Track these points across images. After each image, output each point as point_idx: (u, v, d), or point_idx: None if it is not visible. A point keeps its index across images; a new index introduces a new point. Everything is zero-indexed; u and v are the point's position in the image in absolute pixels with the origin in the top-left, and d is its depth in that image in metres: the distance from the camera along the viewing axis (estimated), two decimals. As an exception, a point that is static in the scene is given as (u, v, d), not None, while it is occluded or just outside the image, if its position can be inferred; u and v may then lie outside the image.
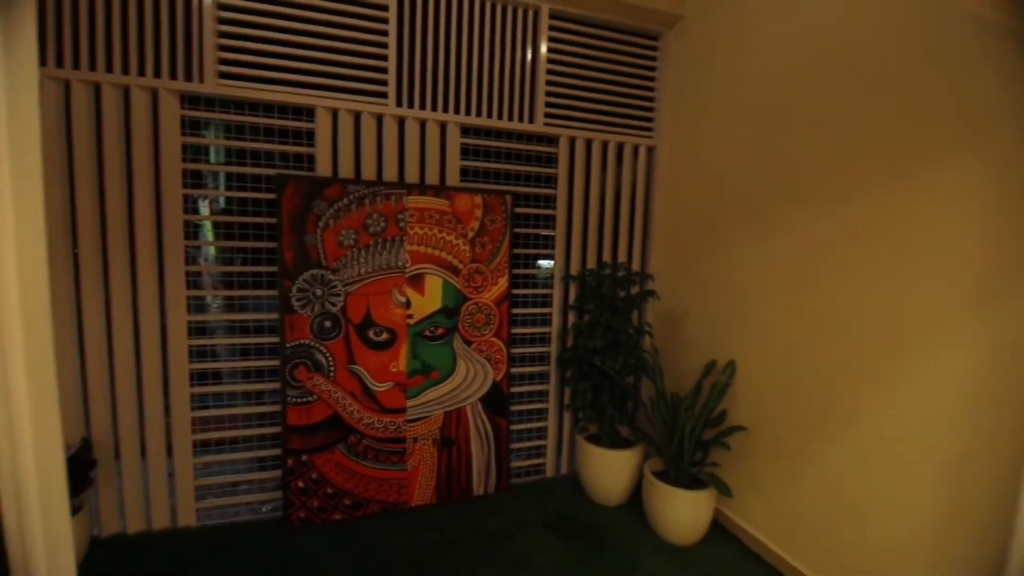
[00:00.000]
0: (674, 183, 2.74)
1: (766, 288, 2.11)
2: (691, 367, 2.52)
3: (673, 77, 2.74)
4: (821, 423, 1.85)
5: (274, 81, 2.14)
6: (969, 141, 1.38)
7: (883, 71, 1.62)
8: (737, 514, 2.26)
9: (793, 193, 1.97)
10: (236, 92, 2.09)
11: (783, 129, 2.02)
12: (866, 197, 1.67)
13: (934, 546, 1.47)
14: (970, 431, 1.39)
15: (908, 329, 1.55)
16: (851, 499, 1.73)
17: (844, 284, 1.76)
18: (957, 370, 1.42)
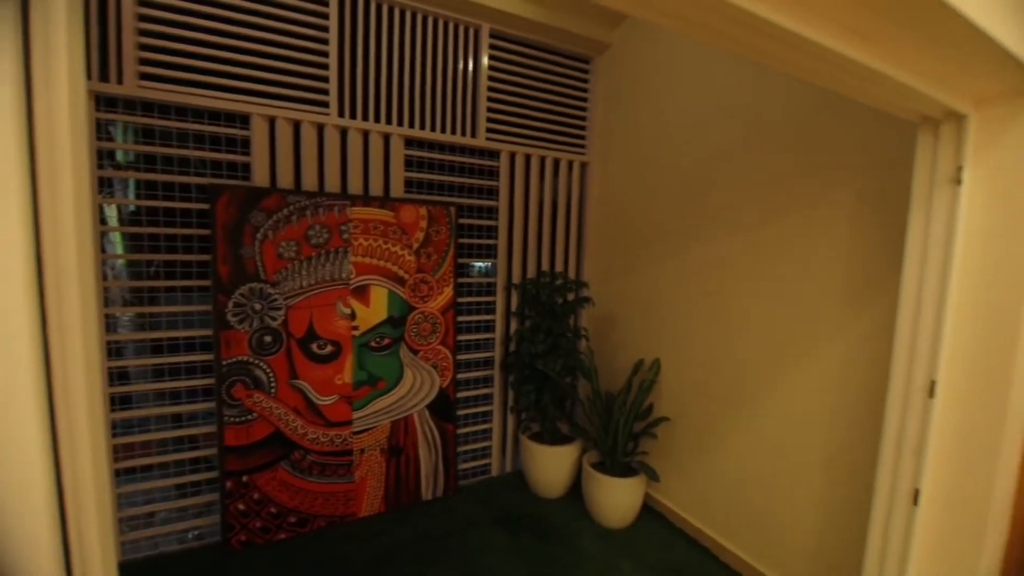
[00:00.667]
0: (604, 198, 2.98)
1: (685, 295, 2.39)
2: (622, 366, 2.77)
3: (603, 99, 2.97)
4: (731, 412, 2.15)
5: (204, 85, 2.02)
6: (840, 180, 1.71)
7: (783, 127, 1.92)
8: (664, 496, 2.54)
9: (707, 214, 2.25)
10: (159, 95, 1.95)
11: (699, 159, 2.30)
12: (767, 220, 1.98)
13: (818, 505, 1.80)
14: (841, 410, 1.72)
15: (797, 330, 1.87)
16: (756, 475, 2.04)
17: (749, 293, 2.06)
18: (832, 362, 1.75)
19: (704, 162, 2.27)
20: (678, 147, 2.42)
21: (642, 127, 2.66)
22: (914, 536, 1.30)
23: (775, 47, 0.87)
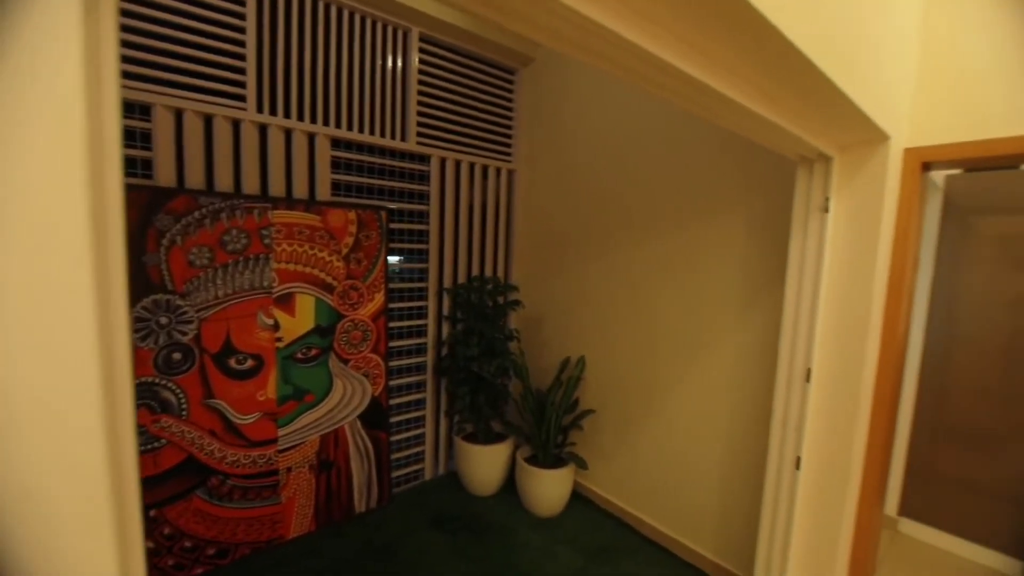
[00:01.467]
0: (530, 204, 3.12)
1: (606, 296, 2.62)
2: (549, 364, 2.95)
3: (527, 110, 3.10)
4: (647, 402, 2.42)
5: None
6: (738, 202, 2.01)
7: (693, 152, 2.20)
8: (591, 482, 2.76)
9: (626, 224, 2.49)
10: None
11: (619, 172, 2.52)
12: (678, 233, 2.25)
13: (721, 475, 2.12)
14: (738, 395, 2.04)
15: (702, 329, 2.17)
16: (669, 454, 2.33)
17: (662, 295, 2.33)
18: (731, 355, 2.06)
19: (624, 175, 2.50)
20: (598, 159, 2.63)
21: (564, 139, 2.84)
22: (797, 493, 1.62)
23: (682, 89, 1.02)
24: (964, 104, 1.44)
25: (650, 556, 2.28)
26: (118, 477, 0.42)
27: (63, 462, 0.40)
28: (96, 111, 0.40)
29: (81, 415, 0.40)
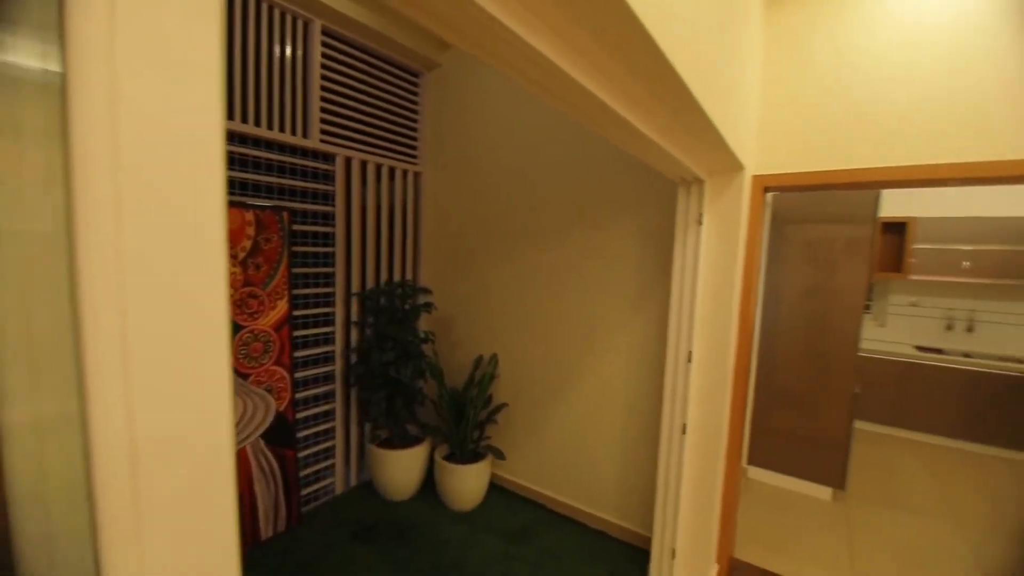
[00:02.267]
0: (438, 207, 3.17)
1: (515, 296, 2.80)
2: (463, 363, 3.04)
3: (433, 113, 3.13)
4: (557, 390, 2.66)
5: None
6: (633, 213, 2.33)
7: (595, 164, 2.47)
8: (507, 472, 2.92)
9: (532, 227, 2.69)
10: None
11: (524, 181, 2.72)
12: (580, 236, 2.52)
13: (621, 447, 2.43)
14: (634, 377, 2.37)
15: (604, 322, 2.46)
16: (576, 436, 2.60)
17: (567, 294, 2.58)
18: (627, 343, 2.38)
19: (530, 183, 2.70)
20: (504, 167, 2.79)
21: (470, 144, 2.95)
22: (685, 454, 1.96)
23: (594, 113, 1.20)
24: (791, 145, 1.90)
25: (565, 530, 2.53)
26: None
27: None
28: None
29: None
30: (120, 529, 0.39)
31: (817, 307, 2.98)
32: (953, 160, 1.63)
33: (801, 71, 1.89)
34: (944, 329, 4.35)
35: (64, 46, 0.33)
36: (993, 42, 1.57)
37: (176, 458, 0.42)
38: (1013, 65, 1.54)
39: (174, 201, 0.39)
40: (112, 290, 0.36)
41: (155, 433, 0.40)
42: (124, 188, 0.36)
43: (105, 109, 0.35)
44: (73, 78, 0.33)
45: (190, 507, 0.43)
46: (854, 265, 2.88)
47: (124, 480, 0.39)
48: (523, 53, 0.81)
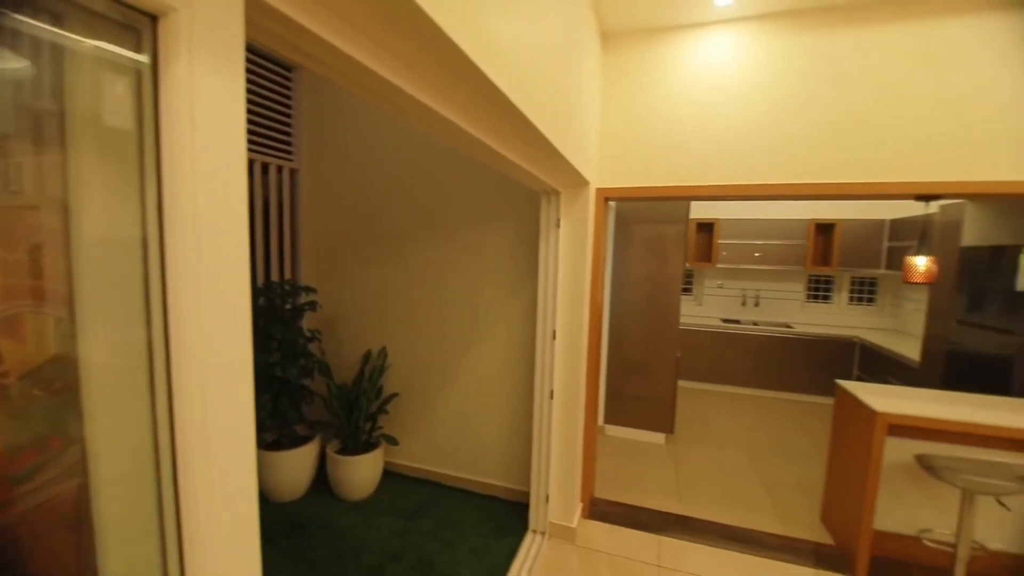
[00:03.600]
0: (317, 204, 3.17)
1: (402, 291, 2.99)
2: (352, 359, 3.12)
3: (310, 109, 3.12)
4: (446, 375, 2.93)
5: None
6: (508, 215, 2.69)
7: (476, 169, 2.75)
8: (400, 457, 3.10)
9: (418, 225, 2.91)
10: None
11: (409, 179, 2.91)
12: (463, 233, 2.80)
13: (502, 417, 2.81)
14: (510, 355, 2.75)
15: (484, 311, 2.80)
16: (464, 413, 2.90)
17: (451, 286, 2.86)
18: (505, 326, 2.75)
19: (414, 182, 2.90)
20: (389, 165, 2.95)
21: (353, 142, 3.02)
22: (554, 417, 2.40)
23: (455, 134, 1.54)
24: (626, 165, 2.43)
25: (458, 501, 2.82)
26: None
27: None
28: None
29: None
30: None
31: (652, 290, 3.72)
32: (741, 182, 2.29)
33: (634, 105, 2.42)
34: (740, 305, 5.65)
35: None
36: (767, 95, 2.24)
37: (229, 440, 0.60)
38: (770, 119, 2.23)
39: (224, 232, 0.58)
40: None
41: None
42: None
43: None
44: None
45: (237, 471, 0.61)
46: (675, 256, 3.66)
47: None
48: (367, 74, 0.88)
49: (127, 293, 0.56)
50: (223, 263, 0.59)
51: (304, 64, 0.84)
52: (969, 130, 2.00)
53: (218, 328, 0.59)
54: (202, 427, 0.59)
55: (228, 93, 0.57)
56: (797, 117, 2.20)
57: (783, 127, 2.22)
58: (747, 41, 2.24)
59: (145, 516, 0.62)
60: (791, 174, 2.23)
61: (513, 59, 1.13)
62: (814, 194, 2.22)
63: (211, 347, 0.59)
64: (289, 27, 0.71)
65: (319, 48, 0.78)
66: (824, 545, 2.54)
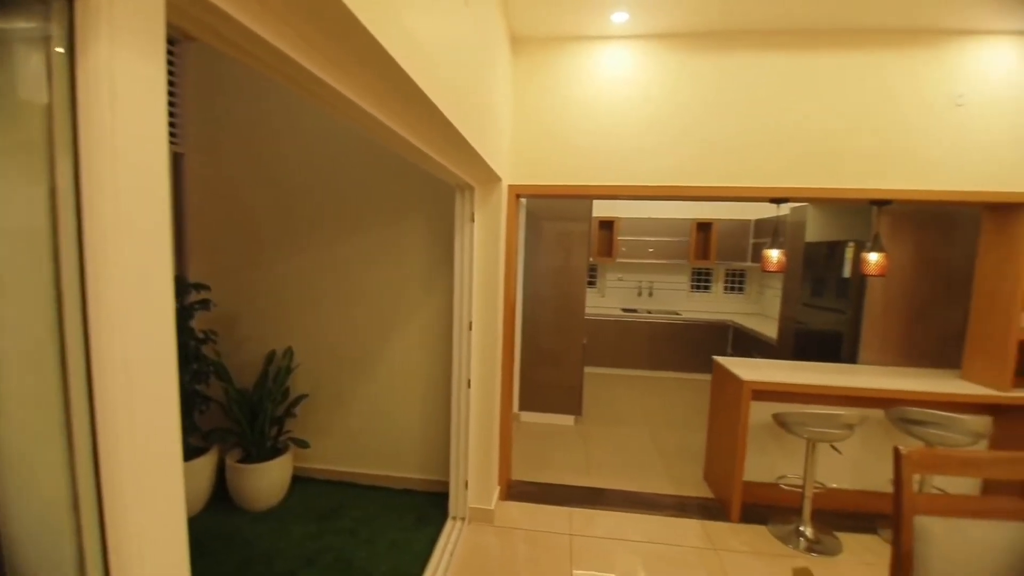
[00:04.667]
0: (209, 193, 2.89)
1: (313, 286, 2.86)
2: (253, 360, 2.90)
3: (198, 89, 2.83)
4: (360, 372, 2.86)
5: None
6: (422, 208, 2.69)
7: (389, 163, 2.71)
8: (312, 461, 2.96)
9: (331, 217, 2.80)
10: None
11: (322, 170, 2.78)
12: (378, 226, 2.75)
13: (420, 410, 2.82)
14: (428, 347, 2.78)
15: (399, 305, 2.78)
16: (382, 409, 2.87)
17: (366, 279, 2.80)
18: (422, 319, 2.77)
19: (328, 173, 2.78)
20: (299, 155, 2.79)
21: (250, 125, 2.81)
22: (472, 405, 2.47)
23: (373, 127, 1.56)
24: (537, 163, 2.58)
25: (374, 499, 2.77)
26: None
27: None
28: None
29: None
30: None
31: (560, 283, 3.96)
32: (635, 183, 2.54)
33: (542, 108, 2.57)
34: (637, 295, 6.21)
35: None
36: (658, 108, 2.51)
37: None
38: (659, 129, 2.51)
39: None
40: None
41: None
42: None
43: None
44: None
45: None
46: (580, 252, 3.94)
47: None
48: (272, 52, 0.84)
49: (37, 282, 0.53)
50: (148, 253, 0.58)
51: (211, 43, 0.81)
52: (814, 147, 2.45)
53: (143, 322, 0.57)
54: (128, 429, 0.57)
55: (149, 67, 0.56)
56: (681, 129, 2.51)
57: (671, 137, 2.52)
58: (640, 57, 2.51)
59: (61, 526, 0.58)
60: (676, 178, 2.54)
61: (427, 52, 1.17)
62: (694, 195, 2.55)
63: (137, 345, 0.57)
64: (202, 6, 0.69)
65: (226, 25, 0.76)
66: (707, 499, 2.94)
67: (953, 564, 1.29)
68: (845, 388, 2.60)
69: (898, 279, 3.16)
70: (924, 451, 1.36)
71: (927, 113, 2.38)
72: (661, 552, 2.39)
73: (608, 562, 2.30)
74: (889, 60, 2.37)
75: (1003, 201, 2.40)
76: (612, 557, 2.34)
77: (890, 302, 3.19)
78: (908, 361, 3.17)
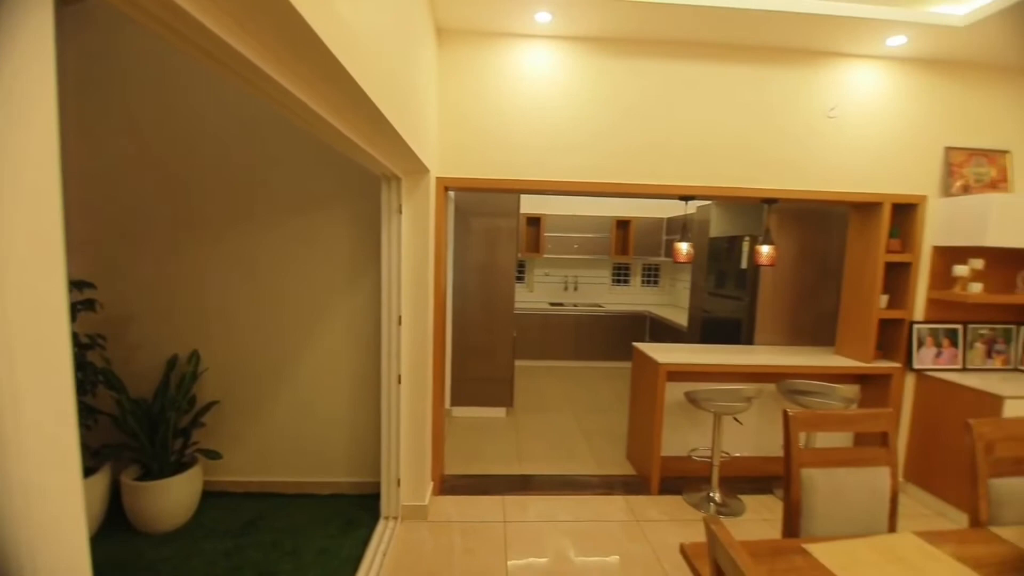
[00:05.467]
0: (91, 180, 2.54)
1: (222, 284, 2.62)
2: (151, 366, 2.60)
3: (76, 54, 2.47)
4: (280, 373, 2.68)
5: None
6: (347, 199, 2.58)
7: (313, 152, 2.54)
8: (224, 473, 2.72)
9: (242, 208, 2.58)
10: None
11: (231, 158, 2.55)
12: (297, 219, 2.59)
13: (348, 410, 2.71)
14: (356, 343, 2.67)
15: (322, 301, 2.65)
16: (306, 412, 2.71)
17: (285, 276, 2.63)
18: (348, 314, 2.66)
19: (233, 155, 2.55)
20: (195, 134, 2.54)
21: (143, 102, 2.51)
22: (402, 402, 2.43)
23: (301, 111, 1.50)
24: (465, 156, 2.58)
25: (300, 507, 2.62)
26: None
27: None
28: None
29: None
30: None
31: (489, 279, 4.00)
32: (559, 179, 2.64)
33: (470, 101, 2.58)
34: (563, 290, 6.45)
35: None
36: (581, 107, 2.61)
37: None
38: (582, 128, 2.62)
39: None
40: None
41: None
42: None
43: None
44: None
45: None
46: (509, 247, 4.00)
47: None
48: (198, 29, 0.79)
49: None
50: (37, 252, 0.51)
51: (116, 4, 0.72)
52: (715, 150, 2.71)
53: (31, 328, 0.51)
54: (16, 450, 0.50)
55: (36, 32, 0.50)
56: (601, 128, 2.65)
57: (591, 135, 2.65)
58: (564, 58, 2.61)
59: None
60: (596, 174, 2.68)
61: (352, 31, 1.14)
62: (613, 192, 2.71)
63: (26, 355, 0.50)
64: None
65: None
66: (629, 476, 3.15)
67: (831, 506, 1.51)
68: (744, 366, 2.92)
69: (785, 269, 3.59)
70: (807, 412, 1.58)
71: (805, 123, 2.74)
72: (589, 529, 2.52)
73: (541, 544, 2.38)
74: (775, 75, 2.69)
75: (865, 201, 2.83)
76: (544, 539, 2.42)
77: (779, 289, 3.62)
78: (794, 340, 3.63)
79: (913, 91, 2.77)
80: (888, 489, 1.55)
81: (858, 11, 2.27)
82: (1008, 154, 2.85)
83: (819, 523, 1.50)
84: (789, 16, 2.30)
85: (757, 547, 1.35)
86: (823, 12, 2.27)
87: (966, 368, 2.92)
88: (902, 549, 1.31)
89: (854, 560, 1.26)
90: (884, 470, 1.56)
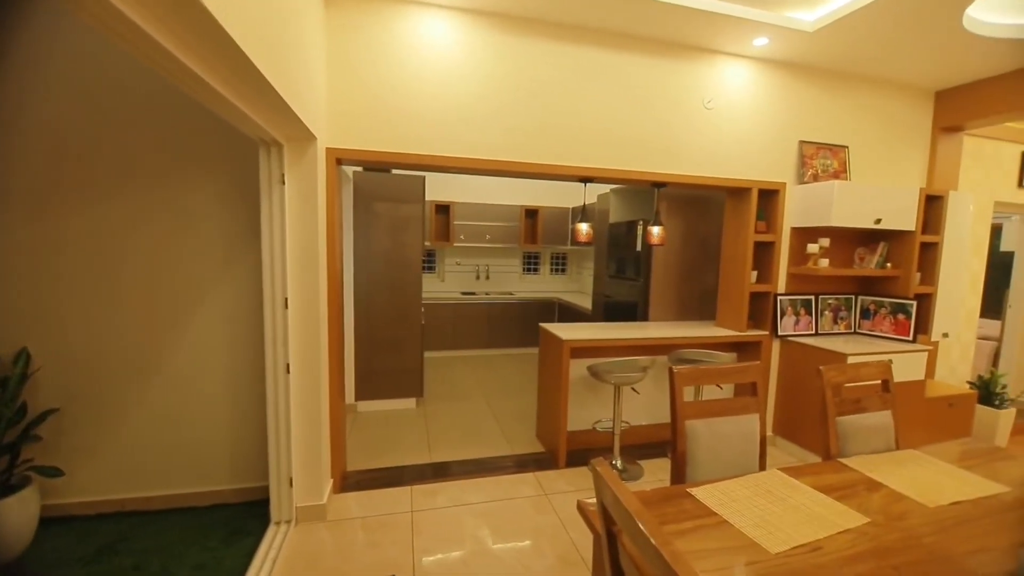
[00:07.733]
0: None
1: (63, 269, 2.18)
2: (-44, 374, 2.09)
3: None
4: (139, 372, 2.31)
5: None
6: (219, 171, 2.27)
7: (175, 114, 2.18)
8: (76, 493, 2.27)
9: (82, 173, 2.16)
10: None
11: (54, 102, 2.11)
12: (153, 185, 2.23)
13: (227, 407, 2.41)
14: (236, 331, 2.38)
15: (191, 283, 2.32)
16: (175, 415, 2.36)
17: (136, 259, 2.26)
18: (224, 300, 2.36)
19: (67, 107, 2.12)
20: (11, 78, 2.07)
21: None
22: (291, 391, 2.21)
23: (171, 67, 1.29)
24: (360, 126, 2.41)
25: (171, 523, 2.27)
26: None
27: None
28: None
29: None
30: None
31: (395, 268, 3.82)
32: (461, 155, 2.56)
33: (365, 68, 2.40)
34: (475, 279, 6.41)
35: None
36: (482, 82, 2.54)
37: None
38: (483, 103, 2.56)
39: None
40: None
41: None
42: None
43: None
44: None
45: None
46: (414, 235, 3.86)
47: None
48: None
49: None
50: None
51: None
52: (609, 134, 2.82)
53: None
54: None
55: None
56: (503, 104, 2.63)
57: (493, 111, 2.62)
58: (467, 31, 2.54)
59: None
60: (497, 152, 2.66)
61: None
62: (514, 171, 2.71)
63: None
64: None
65: None
66: (539, 453, 3.20)
67: (711, 453, 1.64)
68: (639, 339, 3.10)
69: (673, 252, 3.89)
70: (689, 367, 1.70)
71: (688, 113, 2.97)
72: (499, 508, 2.51)
73: (450, 527, 2.32)
74: (663, 66, 2.88)
75: (737, 186, 3.14)
76: (454, 522, 2.36)
77: (668, 271, 3.92)
78: (682, 316, 3.95)
79: (776, 89, 3.13)
80: (758, 433, 1.73)
81: (727, 9, 2.50)
82: (847, 148, 3.35)
83: (702, 469, 1.63)
84: (667, 7, 2.45)
85: (649, 496, 1.41)
86: (696, 6, 2.45)
87: (818, 333, 3.39)
88: (768, 483, 1.46)
89: (730, 497, 1.37)
90: (755, 416, 1.73)
